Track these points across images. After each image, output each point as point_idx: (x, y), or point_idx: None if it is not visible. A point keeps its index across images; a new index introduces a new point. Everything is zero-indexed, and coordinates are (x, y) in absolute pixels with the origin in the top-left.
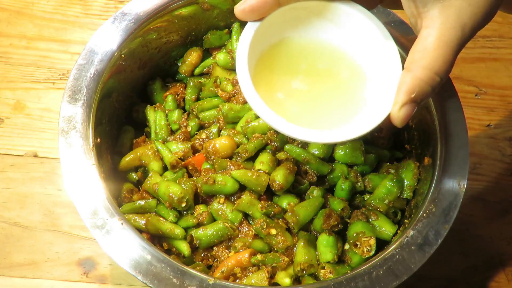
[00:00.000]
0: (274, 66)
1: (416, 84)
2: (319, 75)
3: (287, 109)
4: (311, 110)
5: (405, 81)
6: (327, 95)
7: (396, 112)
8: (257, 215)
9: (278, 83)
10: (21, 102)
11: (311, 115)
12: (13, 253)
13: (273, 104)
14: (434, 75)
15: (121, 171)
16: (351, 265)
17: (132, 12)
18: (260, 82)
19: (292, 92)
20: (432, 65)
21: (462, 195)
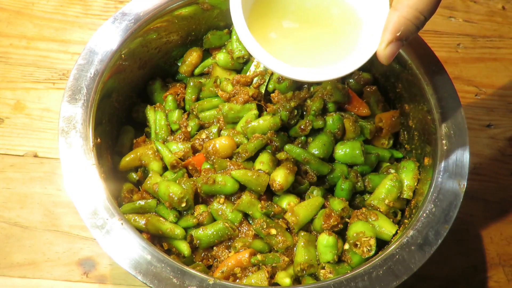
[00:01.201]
0: (268, 9)
1: (401, 22)
2: (310, 15)
3: (281, 49)
4: (303, 49)
5: (391, 20)
6: (319, 35)
7: (382, 50)
8: (257, 215)
9: (271, 24)
10: (21, 102)
11: (304, 54)
12: (13, 253)
13: (268, 45)
14: (418, 13)
15: (121, 171)
16: (351, 265)
17: (132, 12)
18: (256, 25)
19: (284, 31)
20: (417, 4)
21: (462, 195)
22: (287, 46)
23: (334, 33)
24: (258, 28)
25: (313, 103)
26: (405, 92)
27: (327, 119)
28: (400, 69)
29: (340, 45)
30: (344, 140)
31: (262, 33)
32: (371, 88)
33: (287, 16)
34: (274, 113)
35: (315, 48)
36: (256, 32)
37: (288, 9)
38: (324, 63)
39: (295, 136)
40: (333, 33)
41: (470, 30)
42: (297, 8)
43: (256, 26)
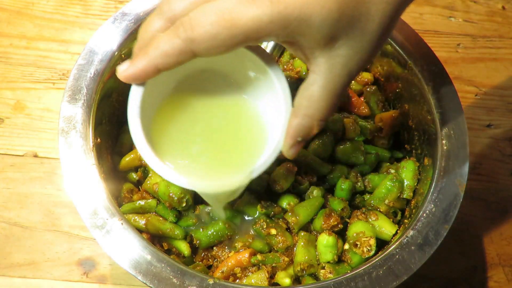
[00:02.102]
0: (172, 128)
1: (300, 130)
2: (217, 133)
3: (192, 170)
4: (216, 165)
5: (292, 126)
6: (228, 148)
7: (286, 151)
8: (257, 215)
9: (178, 150)
10: (21, 102)
11: (220, 168)
12: (13, 253)
13: (178, 169)
14: (317, 122)
15: (121, 171)
16: (351, 265)
17: (132, 12)
18: (162, 149)
19: (193, 156)
20: (316, 115)
21: (462, 195)
22: (198, 167)
23: (243, 144)
24: (165, 153)
25: None
26: (405, 92)
27: None
28: (400, 69)
29: (249, 153)
30: (344, 140)
31: (170, 159)
32: (371, 88)
33: (194, 140)
34: None
35: (226, 160)
36: (165, 156)
37: (194, 131)
38: (237, 171)
39: None
40: (241, 145)
41: (470, 30)
42: (204, 129)
43: (163, 150)
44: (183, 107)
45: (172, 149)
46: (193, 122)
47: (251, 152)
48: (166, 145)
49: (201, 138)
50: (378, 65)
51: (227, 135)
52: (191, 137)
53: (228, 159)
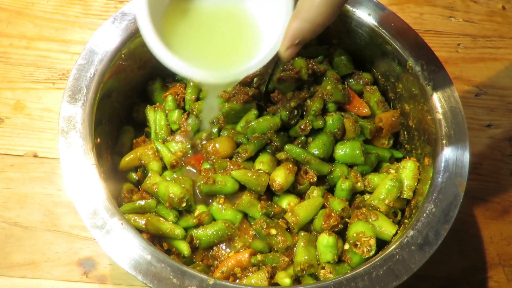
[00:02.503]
0: (178, 27)
1: (299, 33)
2: (216, 22)
3: (192, 55)
4: (214, 55)
5: (291, 28)
6: (228, 42)
7: (283, 52)
8: (257, 215)
9: (185, 46)
10: (21, 102)
11: (221, 62)
12: (13, 253)
13: (179, 51)
14: (315, 27)
15: (121, 171)
16: (351, 265)
17: (132, 12)
18: (170, 42)
19: (198, 51)
20: (316, 20)
21: (462, 195)
22: (201, 60)
23: (242, 44)
24: (172, 47)
25: (313, 103)
26: (405, 92)
27: (327, 119)
28: (400, 69)
29: (247, 52)
30: (344, 140)
31: (177, 52)
32: (371, 88)
33: (199, 37)
34: (274, 113)
35: (224, 53)
36: (172, 50)
37: (199, 30)
38: (233, 65)
39: (295, 136)
40: (240, 44)
41: (470, 30)
42: (206, 18)
43: (171, 45)
44: (189, 9)
45: (179, 44)
46: (198, 22)
47: (249, 52)
48: (174, 40)
49: (205, 37)
50: (378, 65)
51: (228, 36)
52: (196, 35)
53: (228, 55)
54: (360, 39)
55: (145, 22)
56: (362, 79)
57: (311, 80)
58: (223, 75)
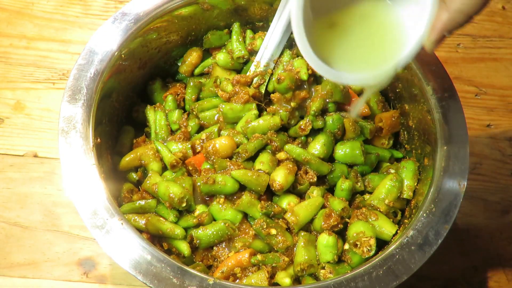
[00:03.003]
0: (324, 32)
1: (450, 24)
2: (365, 32)
3: (348, 66)
4: (367, 59)
5: (441, 21)
6: (370, 40)
7: (430, 45)
8: (257, 215)
9: (333, 51)
10: (21, 102)
11: (369, 63)
12: (13, 253)
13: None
14: (468, 17)
15: (121, 171)
16: (351, 265)
17: (132, 12)
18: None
19: (346, 55)
20: (470, 10)
21: (462, 195)
22: (351, 60)
23: (385, 42)
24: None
25: (313, 103)
26: (405, 92)
27: (327, 119)
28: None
29: (392, 45)
30: (344, 140)
31: (327, 54)
32: None
33: (345, 36)
34: (274, 113)
35: (374, 54)
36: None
37: (342, 28)
38: (384, 63)
39: (295, 136)
40: (384, 42)
41: (470, 30)
42: (350, 24)
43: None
44: (332, 21)
45: (333, 56)
46: (343, 30)
47: (396, 47)
48: (327, 53)
49: (354, 43)
50: None
51: (374, 36)
52: (345, 44)
53: (378, 55)
54: None
55: (306, 46)
56: None
57: (311, 80)
58: (378, 75)
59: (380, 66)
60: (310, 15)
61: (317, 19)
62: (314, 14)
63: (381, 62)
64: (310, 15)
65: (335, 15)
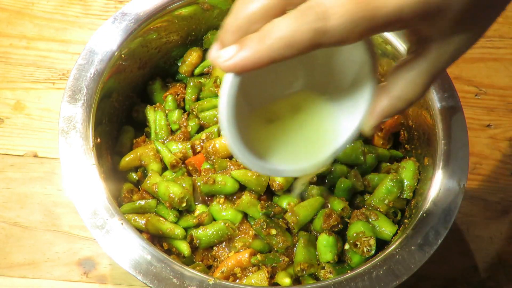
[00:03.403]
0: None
1: (390, 111)
2: (300, 123)
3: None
4: (305, 150)
5: (381, 107)
6: (312, 137)
7: (369, 131)
8: (257, 215)
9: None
10: (21, 102)
11: (306, 153)
12: (13, 253)
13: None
14: (409, 105)
15: (121, 171)
16: (351, 265)
17: (132, 12)
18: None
19: (281, 149)
20: (411, 98)
21: (462, 195)
22: (285, 157)
23: (322, 132)
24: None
25: None
26: None
27: None
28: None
29: (328, 138)
30: None
31: (263, 149)
32: None
33: (278, 132)
34: None
35: (311, 146)
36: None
37: (279, 123)
38: (321, 154)
39: None
40: (321, 133)
41: None
42: (287, 119)
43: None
44: (268, 116)
45: (269, 152)
46: (278, 121)
47: (329, 138)
48: (255, 140)
49: (291, 137)
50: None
51: (307, 127)
52: (277, 133)
53: (311, 145)
54: None
55: (238, 144)
56: None
57: None
58: (316, 164)
59: (318, 156)
60: (244, 107)
61: (252, 112)
62: (247, 107)
63: (318, 153)
64: (244, 107)
65: (270, 110)
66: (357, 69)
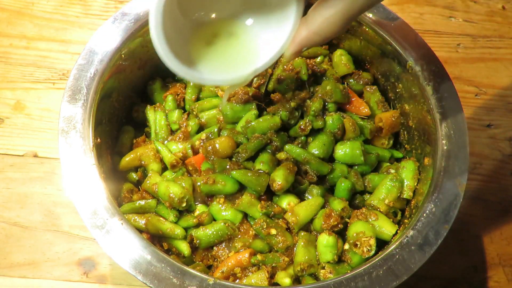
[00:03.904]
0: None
1: (307, 42)
2: (229, 43)
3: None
4: (230, 65)
5: (300, 36)
6: (238, 55)
7: (288, 56)
8: (257, 215)
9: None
10: (21, 102)
11: (232, 68)
12: (13, 253)
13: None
14: (324, 39)
15: (121, 171)
16: (351, 265)
17: (132, 12)
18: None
19: (210, 57)
20: (326, 35)
21: (462, 195)
22: (214, 66)
23: (248, 51)
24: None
25: (313, 103)
26: (405, 92)
27: (327, 119)
28: (400, 69)
29: (253, 56)
30: (344, 140)
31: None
32: (371, 88)
33: (211, 46)
34: (274, 113)
35: (236, 63)
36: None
37: (214, 43)
38: (244, 69)
39: (295, 136)
40: (247, 51)
41: (470, 30)
42: (221, 40)
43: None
44: (207, 36)
45: (203, 62)
46: (215, 45)
47: (253, 58)
48: (198, 60)
49: (221, 54)
50: (378, 65)
51: (239, 49)
52: (214, 55)
53: (236, 62)
54: (360, 39)
55: (163, 46)
56: (362, 79)
57: (311, 80)
58: (237, 78)
59: (241, 71)
60: (180, 19)
61: (191, 29)
62: (184, 19)
63: (242, 68)
64: (180, 19)
65: (208, 31)
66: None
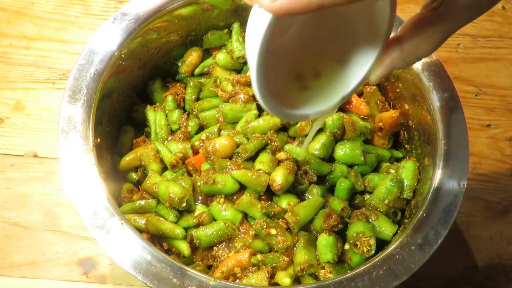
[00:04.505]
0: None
1: (401, 63)
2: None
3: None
4: (317, 95)
5: (392, 57)
6: (325, 83)
7: (376, 80)
8: (257, 215)
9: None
10: (21, 102)
11: (319, 98)
12: (13, 253)
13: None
14: (417, 60)
15: (121, 171)
16: (351, 265)
17: (132, 12)
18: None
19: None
20: (422, 55)
21: (462, 195)
22: (302, 101)
23: (333, 79)
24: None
25: None
26: (405, 92)
27: (327, 119)
28: (400, 69)
29: (339, 84)
30: (344, 140)
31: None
32: (371, 88)
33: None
34: None
35: (323, 92)
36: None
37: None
38: (331, 99)
39: (295, 136)
40: (332, 79)
41: (470, 30)
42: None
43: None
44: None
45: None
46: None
47: (341, 84)
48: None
49: (311, 90)
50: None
51: (326, 82)
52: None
53: (327, 95)
54: None
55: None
56: None
57: None
58: (329, 109)
59: (331, 101)
60: (269, 58)
61: (280, 68)
62: (273, 57)
63: (332, 98)
64: (269, 58)
65: (295, 70)
66: (375, 20)
